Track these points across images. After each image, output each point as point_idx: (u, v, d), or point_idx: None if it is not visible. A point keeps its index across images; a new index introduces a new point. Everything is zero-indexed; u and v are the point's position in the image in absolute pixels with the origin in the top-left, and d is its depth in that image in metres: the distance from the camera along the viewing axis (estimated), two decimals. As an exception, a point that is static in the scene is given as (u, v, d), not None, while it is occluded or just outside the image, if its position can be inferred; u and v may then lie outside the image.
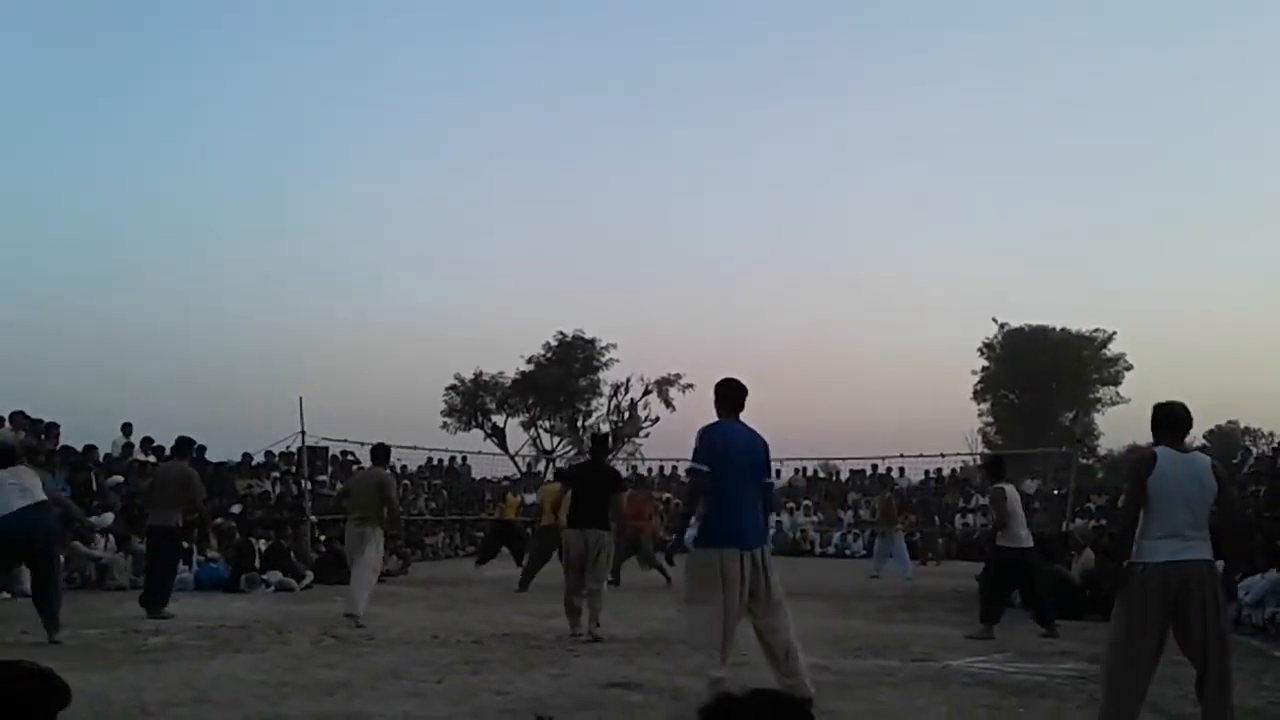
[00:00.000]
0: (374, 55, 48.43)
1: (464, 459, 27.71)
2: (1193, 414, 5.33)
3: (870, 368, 49.52)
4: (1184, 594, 4.98)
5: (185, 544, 12.75)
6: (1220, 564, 5.32)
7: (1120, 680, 5.05)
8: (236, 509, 16.68)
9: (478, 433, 33.77)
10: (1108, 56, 49.01)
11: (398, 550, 16.80)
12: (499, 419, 34.32)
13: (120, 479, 16.33)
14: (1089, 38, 48.48)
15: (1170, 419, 5.27)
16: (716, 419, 6.29)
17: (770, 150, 50.72)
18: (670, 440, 32.06)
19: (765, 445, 6.27)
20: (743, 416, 6.35)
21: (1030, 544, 10.39)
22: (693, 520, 6.44)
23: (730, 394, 6.31)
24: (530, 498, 20.68)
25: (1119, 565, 5.21)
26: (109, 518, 14.59)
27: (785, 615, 6.09)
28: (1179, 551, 5.01)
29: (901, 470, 26.29)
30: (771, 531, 23.54)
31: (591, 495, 9.36)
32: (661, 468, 28.57)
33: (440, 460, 26.88)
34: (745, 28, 49.54)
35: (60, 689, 2.12)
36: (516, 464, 31.60)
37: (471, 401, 33.99)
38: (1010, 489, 10.48)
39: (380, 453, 11.29)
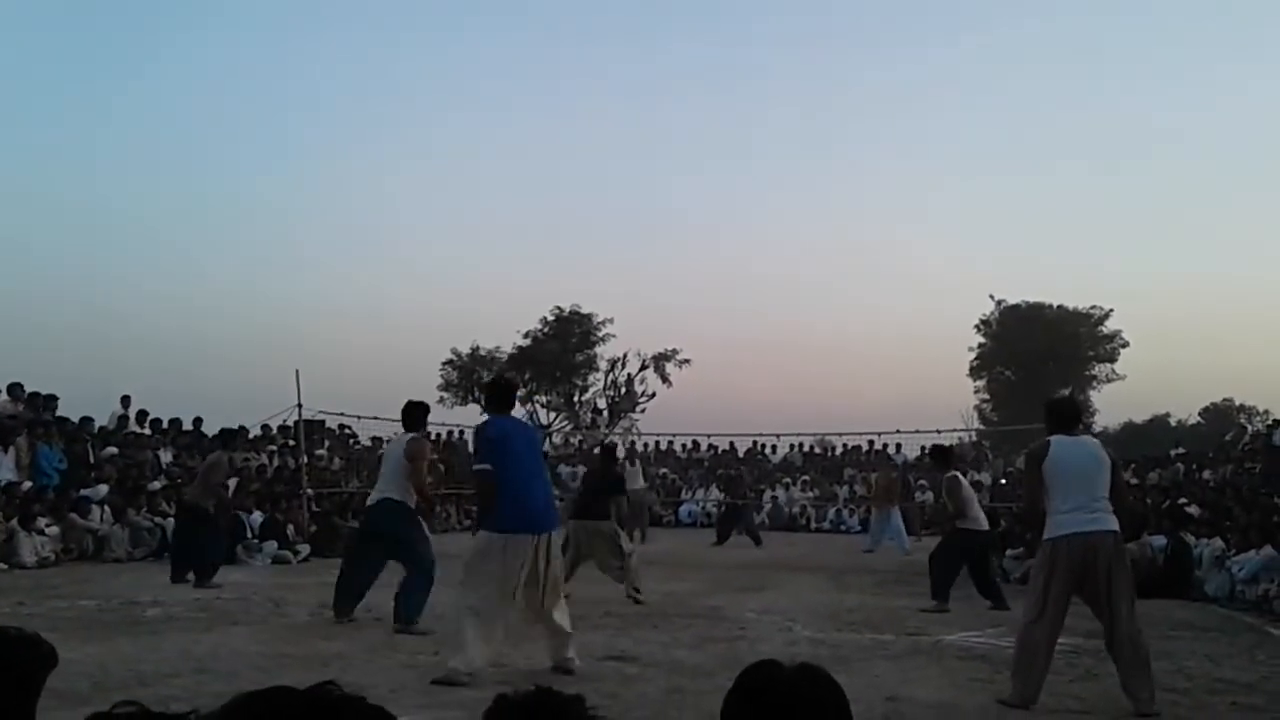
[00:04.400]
0: (376, 29, 47.98)
1: (462, 433, 27.71)
2: (1080, 406, 6.29)
3: (867, 344, 49.45)
4: (1091, 563, 5.53)
5: None
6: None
7: (1033, 640, 5.64)
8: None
9: (474, 407, 33.78)
10: (1112, 33, 48.70)
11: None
12: (496, 393, 34.37)
13: (116, 451, 16.31)
14: (1095, 16, 48.16)
15: (1062, 412, 6.08)
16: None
17: (770, 126, 50.39)
18: (666, 416, 32.10)
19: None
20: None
21: (986, 526, 10.79)
22: None
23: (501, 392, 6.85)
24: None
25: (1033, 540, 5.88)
26: (103, 489, 14.61)
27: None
28: (1086, 524, 5.56)
29: (898, 446, 26.33)
30: (767, 507, 24.01)
31: (597, 494, 10.61)
32: (658, 443, 28.61)
33: (438, 434, 26.88)
34: (745, 8, 49.17)
35: (46, 653, 2.11)
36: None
37: (468, 376, 33.96)
38: (960, 476, 10.92)
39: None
